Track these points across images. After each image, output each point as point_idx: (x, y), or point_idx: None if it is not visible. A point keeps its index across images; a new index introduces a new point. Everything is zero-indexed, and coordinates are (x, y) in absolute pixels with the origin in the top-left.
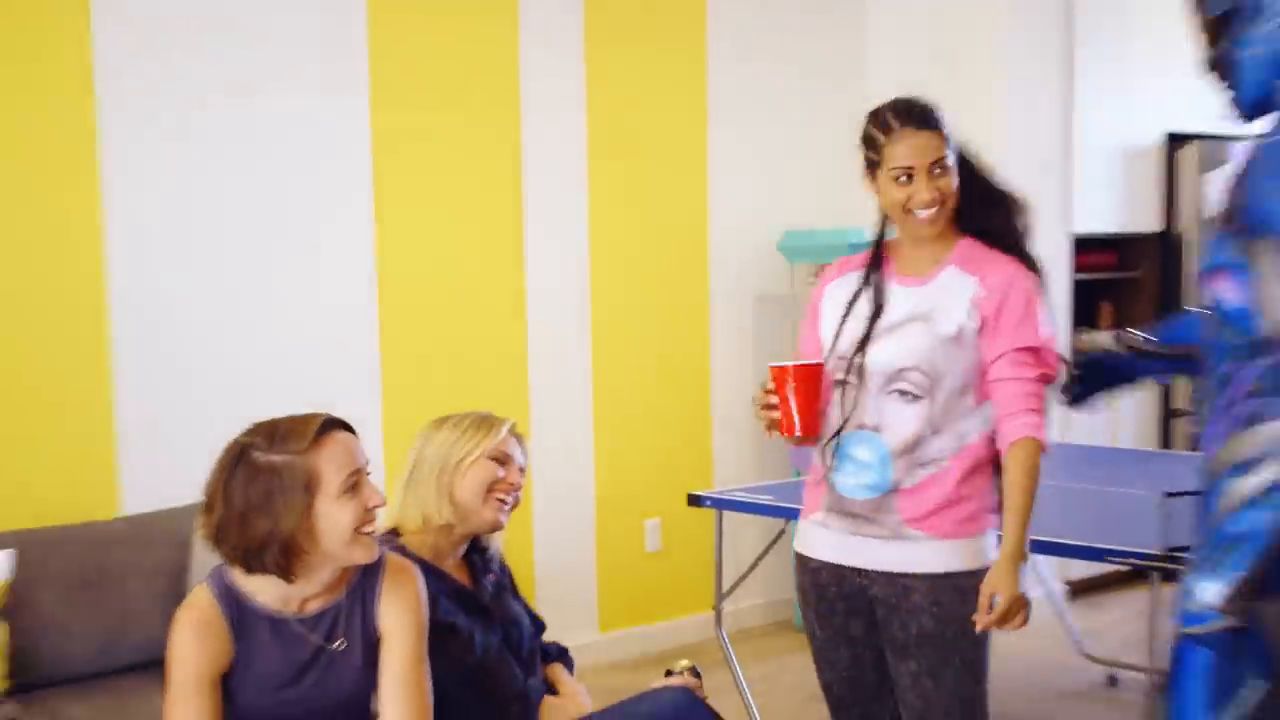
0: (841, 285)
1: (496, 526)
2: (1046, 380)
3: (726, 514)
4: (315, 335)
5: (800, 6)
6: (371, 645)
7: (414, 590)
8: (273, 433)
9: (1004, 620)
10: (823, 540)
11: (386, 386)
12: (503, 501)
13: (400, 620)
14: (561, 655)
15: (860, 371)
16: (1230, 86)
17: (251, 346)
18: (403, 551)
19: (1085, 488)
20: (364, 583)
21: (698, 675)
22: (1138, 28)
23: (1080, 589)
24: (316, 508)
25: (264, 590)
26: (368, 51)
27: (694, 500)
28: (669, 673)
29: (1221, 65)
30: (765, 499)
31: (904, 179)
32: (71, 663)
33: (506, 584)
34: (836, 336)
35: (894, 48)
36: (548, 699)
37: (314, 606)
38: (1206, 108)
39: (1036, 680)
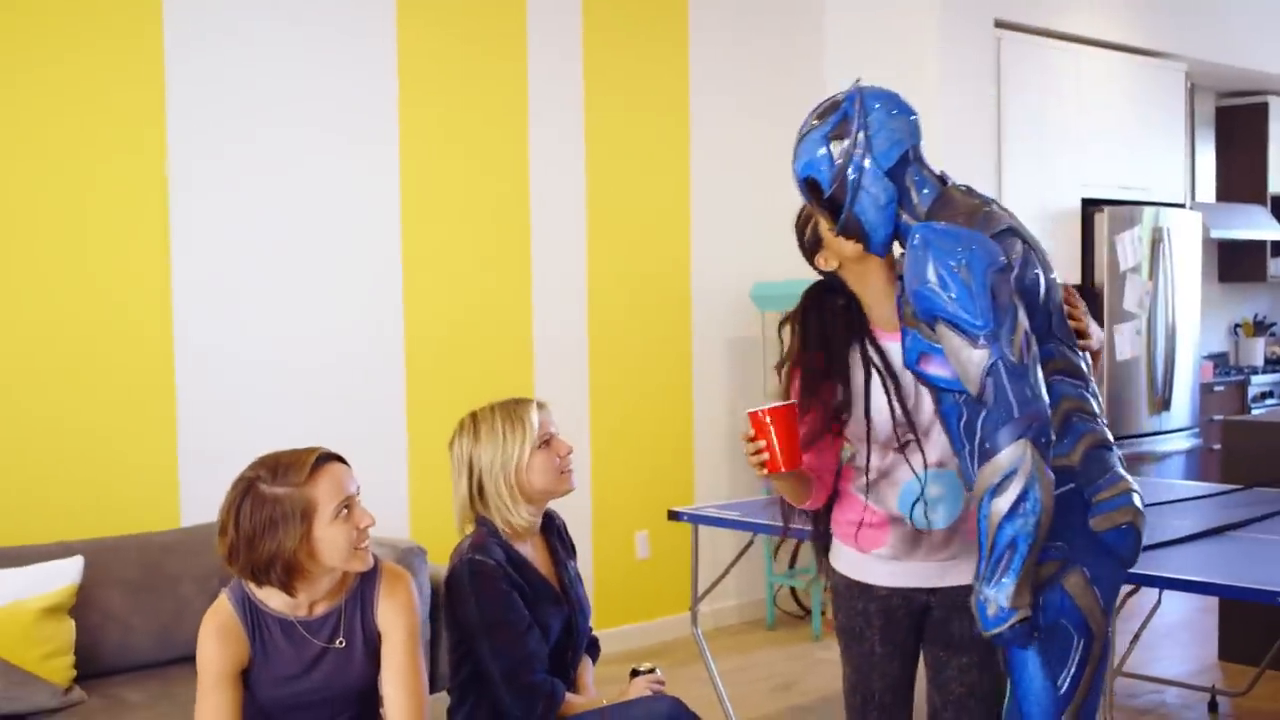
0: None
1: (571, 490)
2: None
3: (703, 527)
4: (350, 377)
5: (769, 80)
6: (371, 642)
7: (407, 593)
8: (275, 467)
9: None
10: (893, 570)
11: (411, 414)
12: (565, 471)
13: (395, 620)
14: (593, 646)
15: (914, 427)
16: (863, 239)
17: (298, 375)
18: (508, 550)
19: None
20: (362, 588)
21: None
22: (1053, 105)
23: None
24: (314, 532)
25: (274, 598)
26: (398, 103)
27: (673, 516)
28: (635, 671)
29: (848, 230)
30: (734, 515)
31: None
32: (131, 654)
33: (576, 570)
34: (867, 403)
35: None
36: (567, 695)
37: (320, 610)
38: (1115, 177)
39: None
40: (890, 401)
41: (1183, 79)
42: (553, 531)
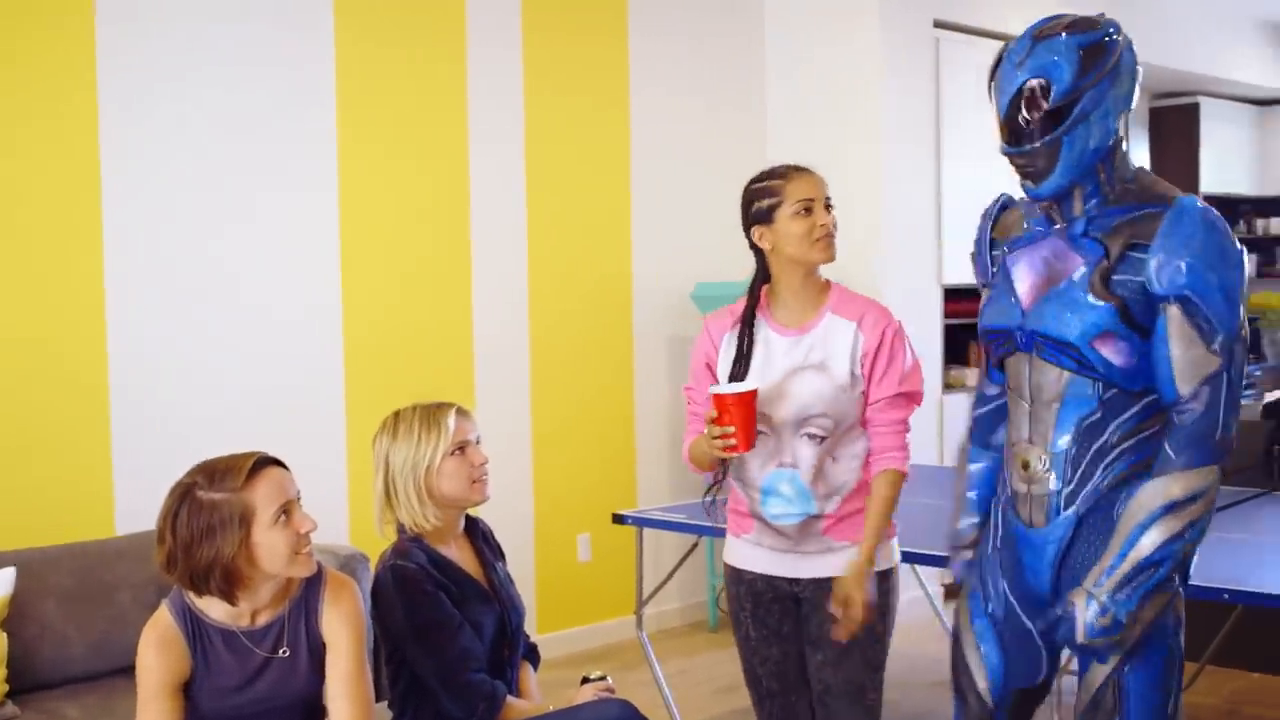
0: (732, 337)
1: (484, 500)
2: (914, 403)
3: (646, 530)
4: (288, 381)
5: (709, 82)
6: (316, 652)
7: (352, 601)
8: (212, 472)
9: (855, 622)
10: (757, 557)
11: (350, 418)
12: (478, 481)
13: (341, 629)
14: (531, 652)
15: (768, 420)
16: (1041, 174)
17: (234, 379)
18: (429, 553)
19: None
20: (306, 597)
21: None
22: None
23: (953, 591)
24: (253, 537)
25: (215, 608)
26: (335, 103)
27: (618, 519)
28: (585, 679)
29: (1037, 157)
30: (680, 518)
31: (804, 212)
32: (66, 667)
33: (506, 571)
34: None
35: (790, 125)
36: (509, 699)
37: (262, 619)
38: None
39: (914, 670)
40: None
41: None
42: (477, 534)
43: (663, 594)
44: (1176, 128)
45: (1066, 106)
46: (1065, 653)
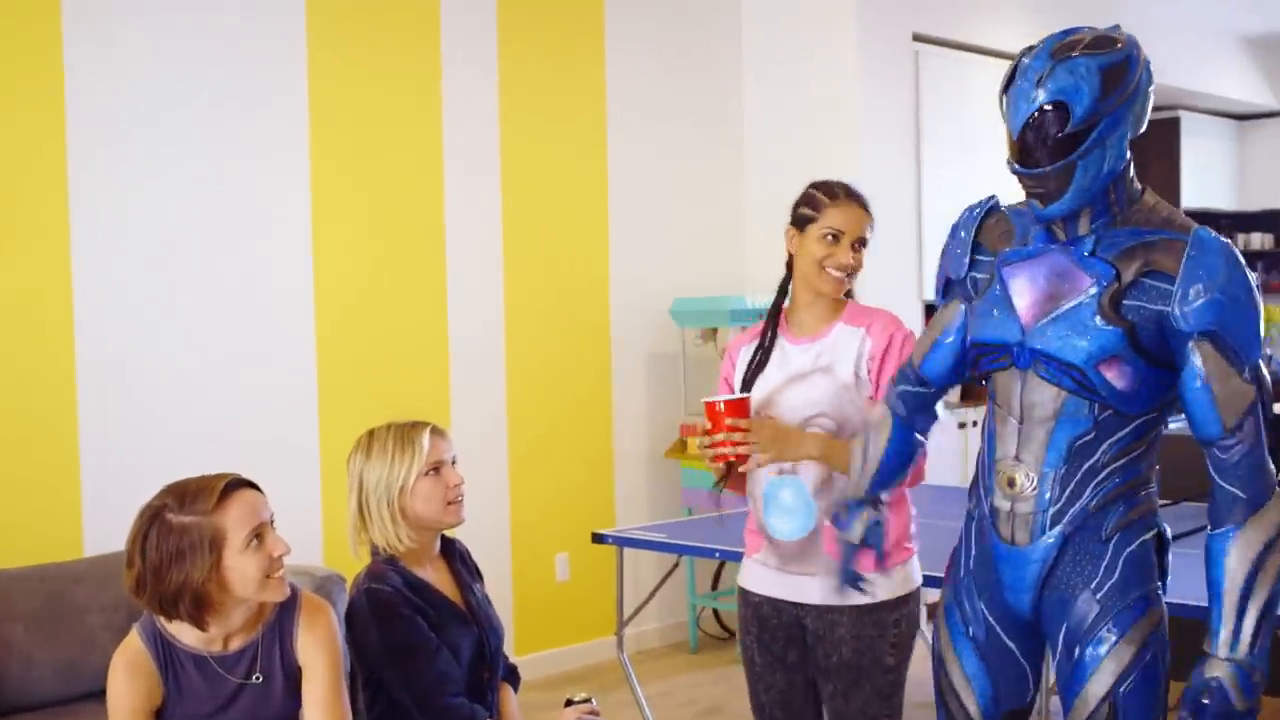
0: (749, 349)
1: (459, 523)
2: None
3: (626, 549)
4: (260, 400)
5: (687, 95)
6: (291, 677)
7: (327, 625)
8: (182, 494)
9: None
10: (763, 577)
11: (324, 436)
12: (453, 503)
13: (316, 653)
14: (511, 674)
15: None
16: (1051, 195)
17: (205, 398)
18: (404, 575)
19: (946, 524)
20: (280, 621)
21: (592, 703)
22: (971, 117)
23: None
24: (224, 561)
25: (187, 633)
26: (308, 113)
27: (597, 538)
28: (569, 702)
29: (1049, 179)
30: (659, 537)
31: (831, 239)
32: (34, 691)
33: (484, 593)
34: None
35: (768, 140)
36: None
37: (235, 644)
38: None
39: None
40: (762, 390)
41: None
42: (454, 555)
43: (643, 615)
44: (1157, 142)
45: (1083, 131)
46: (1048, 669)
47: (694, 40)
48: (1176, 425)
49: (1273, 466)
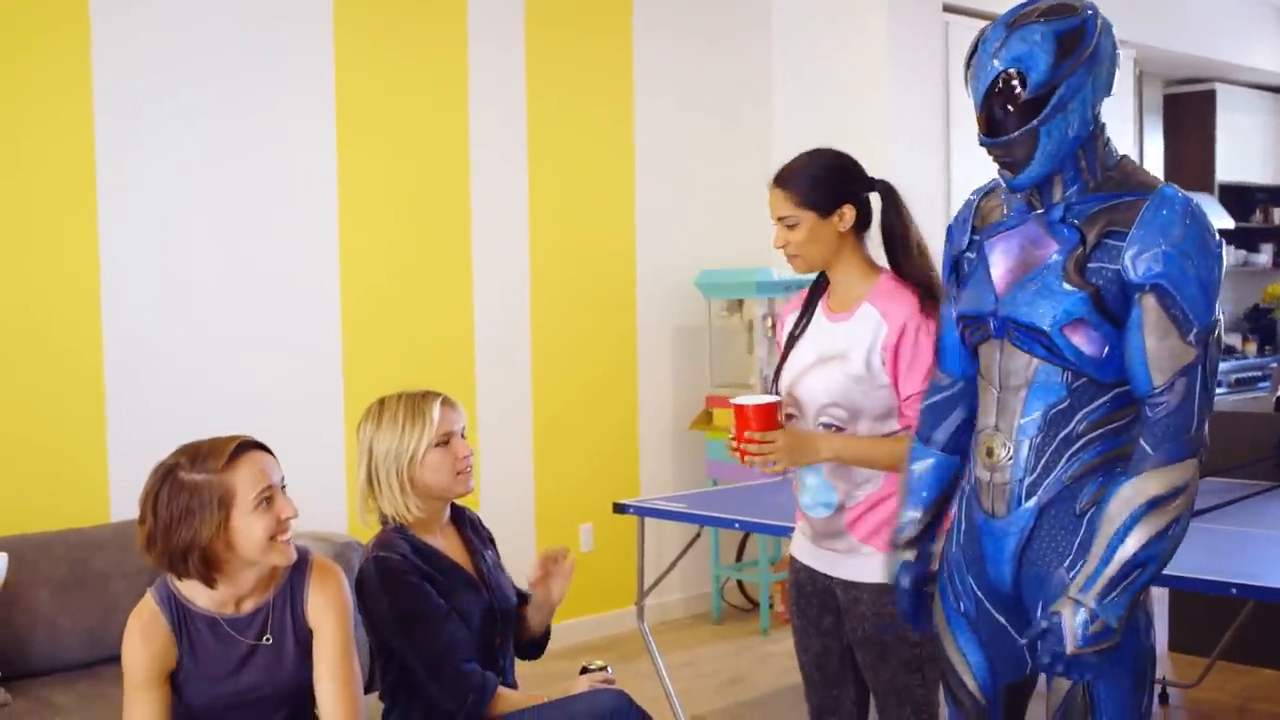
0: (793, 317)
1: (467, 492)
2: None
3: (650, 520)
4: (286, 369)
5: (715, 67)
6: (302, 639)
7: (338, 588)
8: (195, 454)
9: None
10: (803, 546)
11: (348, 407)
12: (462, 473)
13: (326, 616)
14: (536, 645)
15: (797, 405)
16: (1019, 164)
17: (232, 366)
18: (413, 542)
19: None
20: (291, 583)
21: (607, 672)
22: None
23: None
24: (232, 521)
25: (201, 595)
26: (334, 79)
27: (619, 508)
28: (584, 669)
29: (1015, 146)
30: (680, 507)
31: (775, 225)
32: (59, 655)
33: (496, 559)
34: (782, 370)
35: (796, 112)
36: (501, 689)
37: (247, 607)
38: None
39: None
40: (791, 371)
41: (1131, 65)
42: (464, 522)
43: (666, 586)
44: (1192, 115)
45: (1044, 96)
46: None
47: (723, 13)
48: None
49: (1199, 434)
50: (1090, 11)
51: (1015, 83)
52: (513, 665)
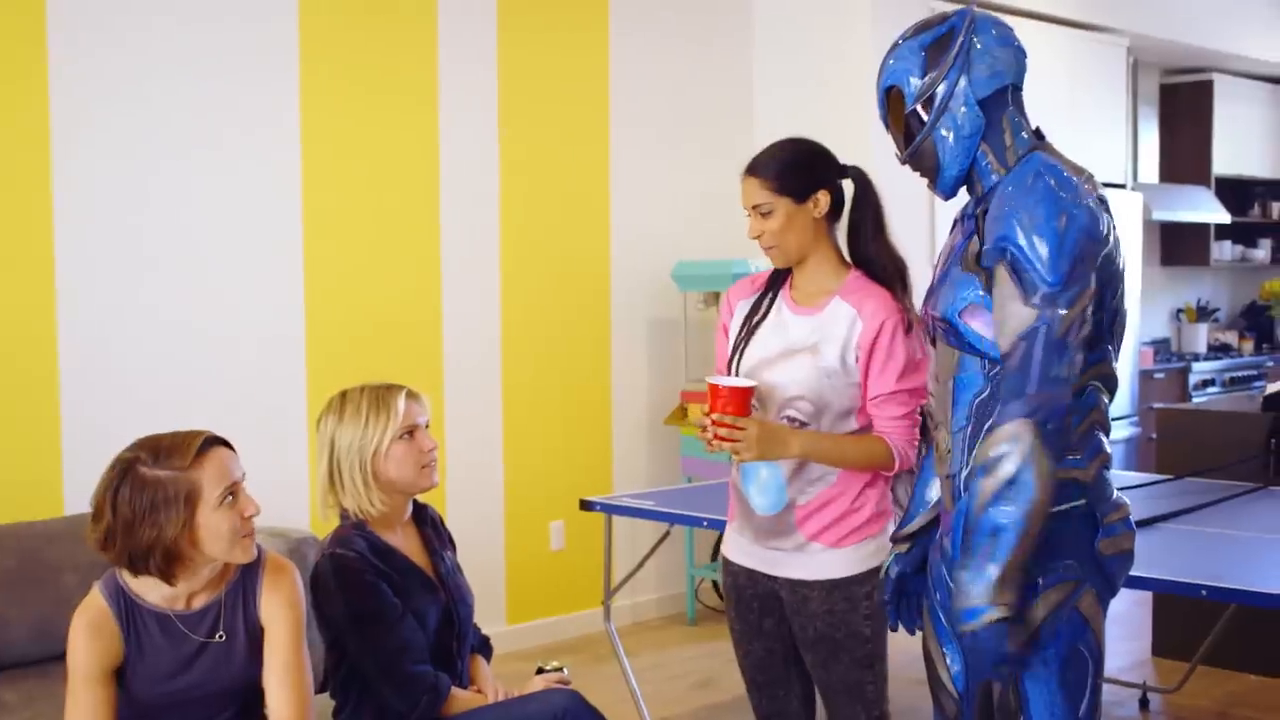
0: (746, 304)
1: (431, 487)
2: (920, 399)
3: (624, 519)
4: (246, 360)
5: (692, 58)
6: (254, 636)
7: (291, 585)
8: (157, 449)
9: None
10: (740, 547)
11: (312, 400)
12: (427, 466)
13: (279, 613)
14: (483, 646)
15: (758, 396)
16: (931, 171)
17: (191, 357)
18: (371, 540)
19: None
20: (244, 580)
21: (563, 673)
22: None
23: None
24: (197, 518)
25: (151, 590)
26: (299, 77)
27: (585, 505)
28: (540, 669)
29: (919, 158)
30: (649, 504)
31: (750, 215)
32: (6, 651)
33: (455, 560)
34: (739, 358)
35: (776, 104)
36: (454, 690)
37: (198, 603)
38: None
39: (898, 665)
40: (752, 360)
41: (1125, 55)
42: (425, 521)
43: (639, 585)
44: (1188, 106)
45: (924, 105)
46: None
47: (702, 3)
48: (1200, 399)
49: (1038, 395)
50: (957, 18)
51: (899, 102)
52: (467, 667)
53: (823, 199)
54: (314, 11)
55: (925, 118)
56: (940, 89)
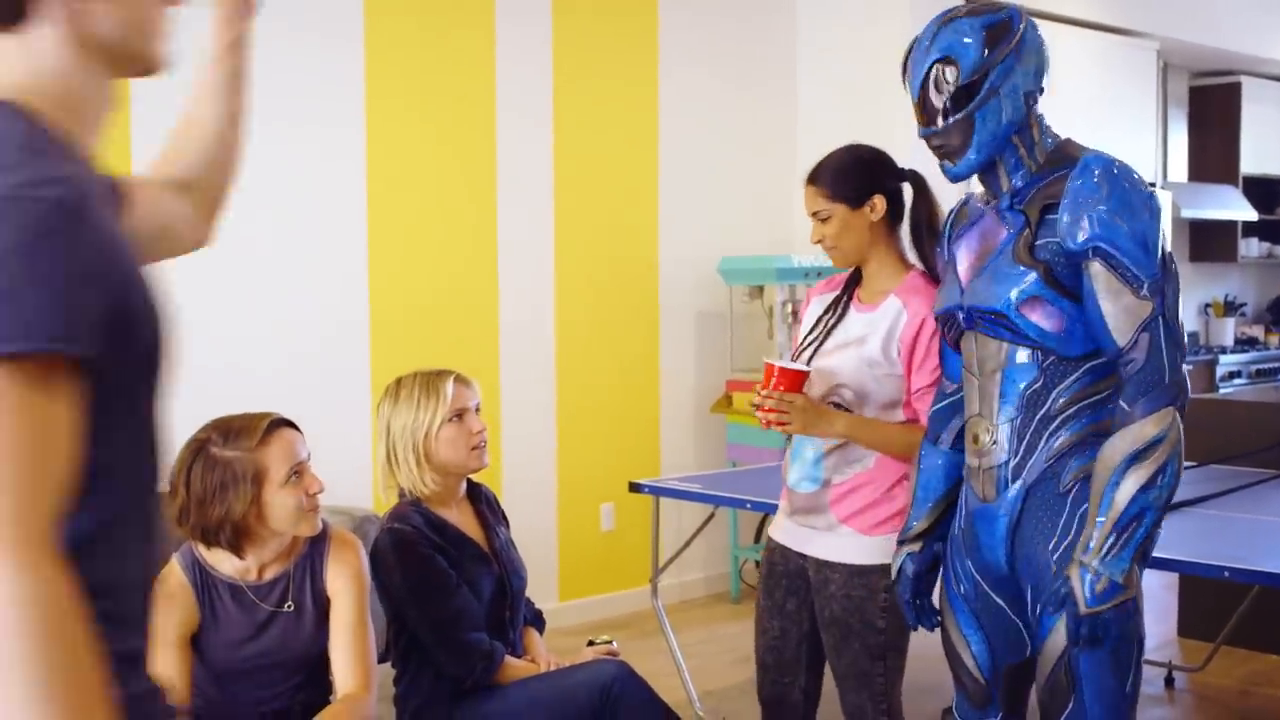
0: (821, 301)
1: (481, 468)
2: None
3: (671, 501)
4: (313, 348)
5: (740, 53)
6: (321, 606)
7: (356, 559)
8: (227, 430)
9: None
10: (781, 524)
11: (375, 385)
12: (476, 448)
13: (344, 585)
14: (536, 619)
15: (810, 382)
16: (957, 150)
17: (259, 343)
18: (426, 515)
19: None
20: (311, 553)
21: (612, 645)
22: None
23: None
24: (264, 496)
25: (224, 561)
26: (363, 68)
27: (634, 488)
28: (590, 643)
29: (951, 133)
30: (695, 487)
31: (812, 222)
32: None
33: (508, 536)
34: (804, 347)
35: (821, 99)
36: (508, 659)
37: (269, 574)
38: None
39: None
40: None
41: (1155, 58)
42: (480, 499)
43: (686, 564)
44: (1217, 108)
45: (976, 82)
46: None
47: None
48: (1227, 390)
49: (1174, 382)
50: (1014, 9)
51: (948, 72)
52: (521, 638)
53: (879, 204)
54: (379, 12)
55: (975, 94)
56: (994, 72)
